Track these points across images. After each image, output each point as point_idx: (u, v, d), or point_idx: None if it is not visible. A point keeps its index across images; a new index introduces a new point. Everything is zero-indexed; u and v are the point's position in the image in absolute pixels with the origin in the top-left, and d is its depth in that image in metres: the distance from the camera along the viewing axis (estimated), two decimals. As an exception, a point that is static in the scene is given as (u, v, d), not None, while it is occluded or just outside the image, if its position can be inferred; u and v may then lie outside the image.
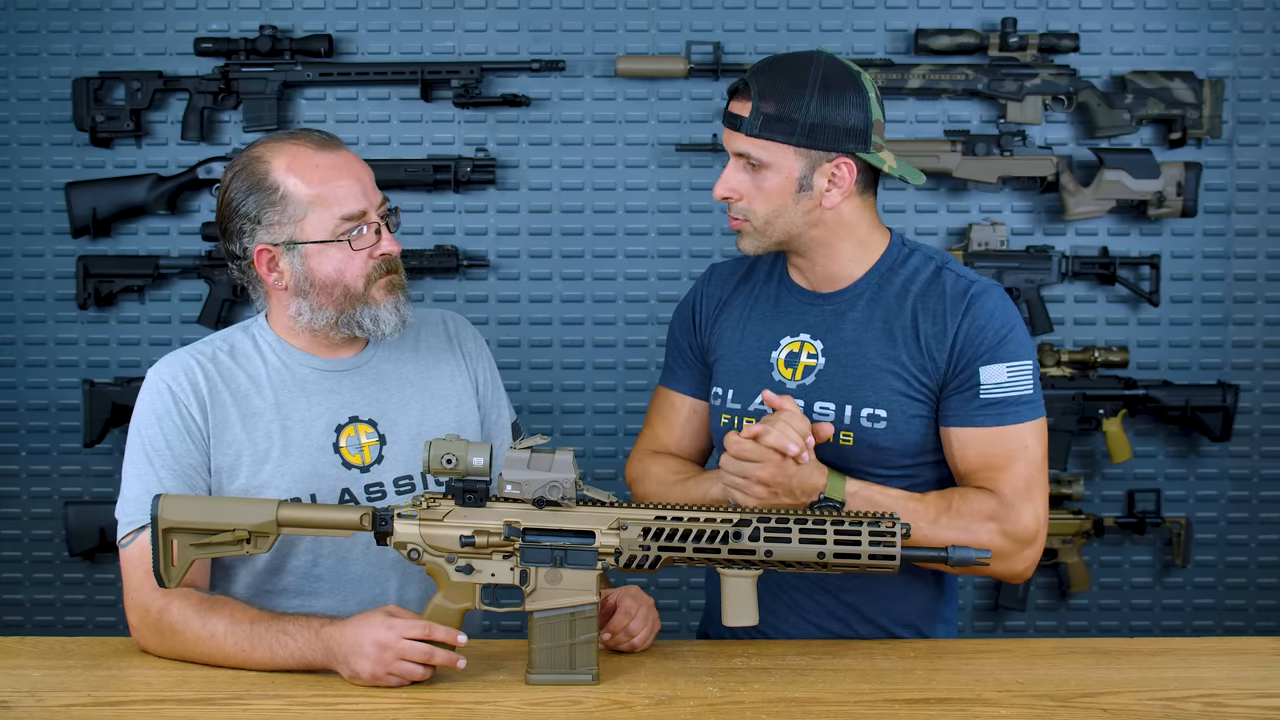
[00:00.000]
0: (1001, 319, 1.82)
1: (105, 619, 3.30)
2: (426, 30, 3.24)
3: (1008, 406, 1.81)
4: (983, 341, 1.81)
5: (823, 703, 1.59)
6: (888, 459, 1.85)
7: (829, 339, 1.88)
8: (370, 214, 1.83)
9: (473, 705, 1.58)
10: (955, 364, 1.82)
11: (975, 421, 1.82)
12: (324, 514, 1.67)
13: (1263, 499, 3.31)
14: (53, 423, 3.30)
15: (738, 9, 3.23)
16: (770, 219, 1.83)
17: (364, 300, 1.83)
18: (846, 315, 1.88)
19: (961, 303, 1.83)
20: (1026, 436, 1.82)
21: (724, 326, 1.99)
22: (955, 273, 1.87)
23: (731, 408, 1.94)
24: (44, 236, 3.27)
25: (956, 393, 1.83)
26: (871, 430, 1.84)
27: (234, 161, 1.85)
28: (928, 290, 1.85)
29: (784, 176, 1.80)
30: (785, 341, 1.91)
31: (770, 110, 1.78)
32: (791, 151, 1.79)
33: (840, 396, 1.86)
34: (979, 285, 1.84)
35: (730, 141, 1.83)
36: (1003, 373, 1.81)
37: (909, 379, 1.84)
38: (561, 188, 3.26)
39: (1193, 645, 1.92)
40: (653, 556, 1.63)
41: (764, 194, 1.82)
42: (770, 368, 1.91)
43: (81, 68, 3.22)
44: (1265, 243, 3.26)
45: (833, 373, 1.87)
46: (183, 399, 1.81)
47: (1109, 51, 3.22)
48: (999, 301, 1.84)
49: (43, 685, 1.64)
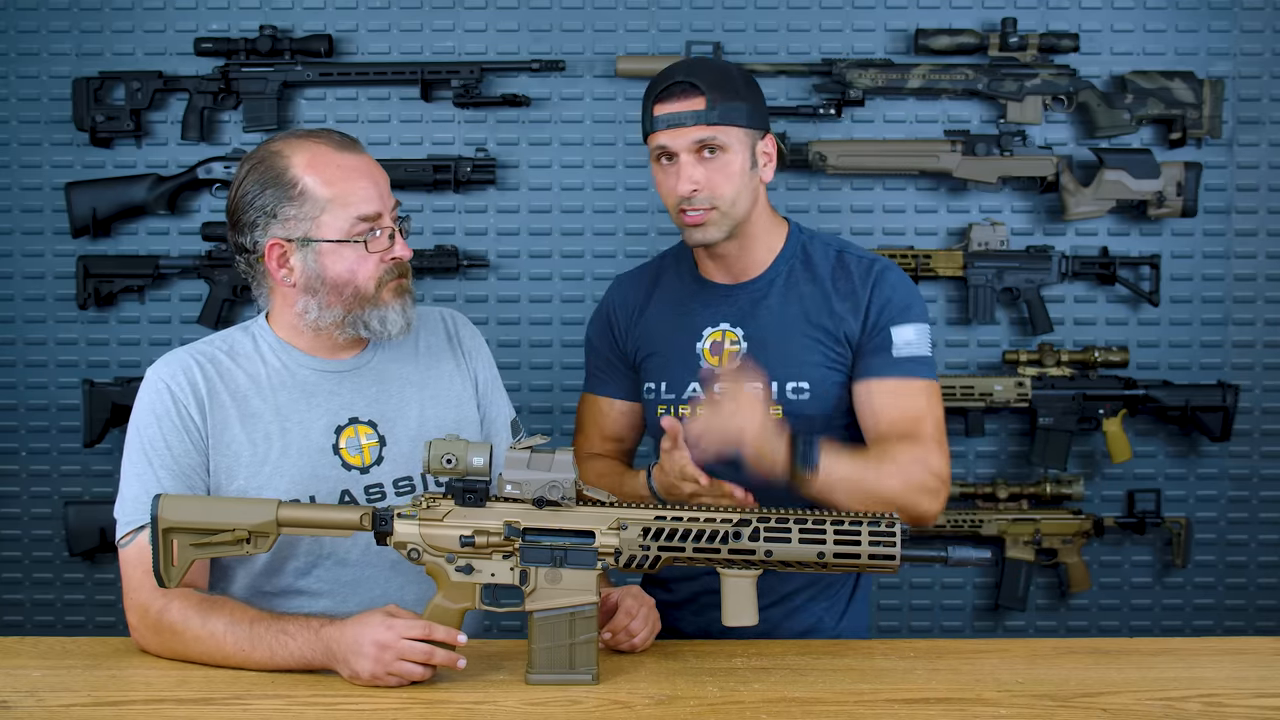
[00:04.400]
0: (905, 289, 2.03)
1: (105, 619, 3.30)
2: (426, 30, 3.24)
3: (916, 364, 2.00)
4: (893, 306, 2.00)
5: (823, 703, 1.59)
6: (813, 426, 1.97)
7: (748, 325, 2.04)
8: (385, 217, 1.84)
9: (473, 705, 1.58)
10: (869, 328, 2.00)
11: (889, 373, 1.99)
12: (324, 514, 1.67)
13: (1263, 499, 3.31)
14: (53, 423, 3.30)
15: (738, 9, 3.23)
16: (735, 200, 1.97)
17: (373, 302, 1.83)
18: (761, 303, 2.04)
19: (869, 277, 2.02)
20: (931, 392, 2.01)
21: (646, 328, 2.13)
22: (855, 255, 2.06)
23: (666, 398, 2.08)
24: (44, 236, 3.27)
25: (872, 352, 2.00)
26: (797, 402, 2.00)
27: (251, 154, 1.85)
28: (834, 273, 2.04)
29: (741, 157, 1.97)
30: (707, 332, 2.06)
31: (720, 98, 1.94)
32: (742, 133, 1.97)
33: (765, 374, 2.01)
34: (881, 262, 2.05)
35: (683, 136, 1.95)
36: (911, 333, 2.00)
37: (826, 349, 2.01)
38: (561, 188, 3.26)
39: (1193, 645, 1.92)
40: (652, 556, 1.63)
41: (727, 177, 1.96)
42: (697, 357, 2.06)
43: (81, 68, 3.22)
44: (1265, 243, 3.26)
45: (755, 354, 2.03)
46: (181, 399, 1.81)
47: (1109, 51, 3.22)
48: (900, 275, 2.05)
49: (43, 685, 1.64)
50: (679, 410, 2.04)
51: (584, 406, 2.22)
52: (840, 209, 3.24)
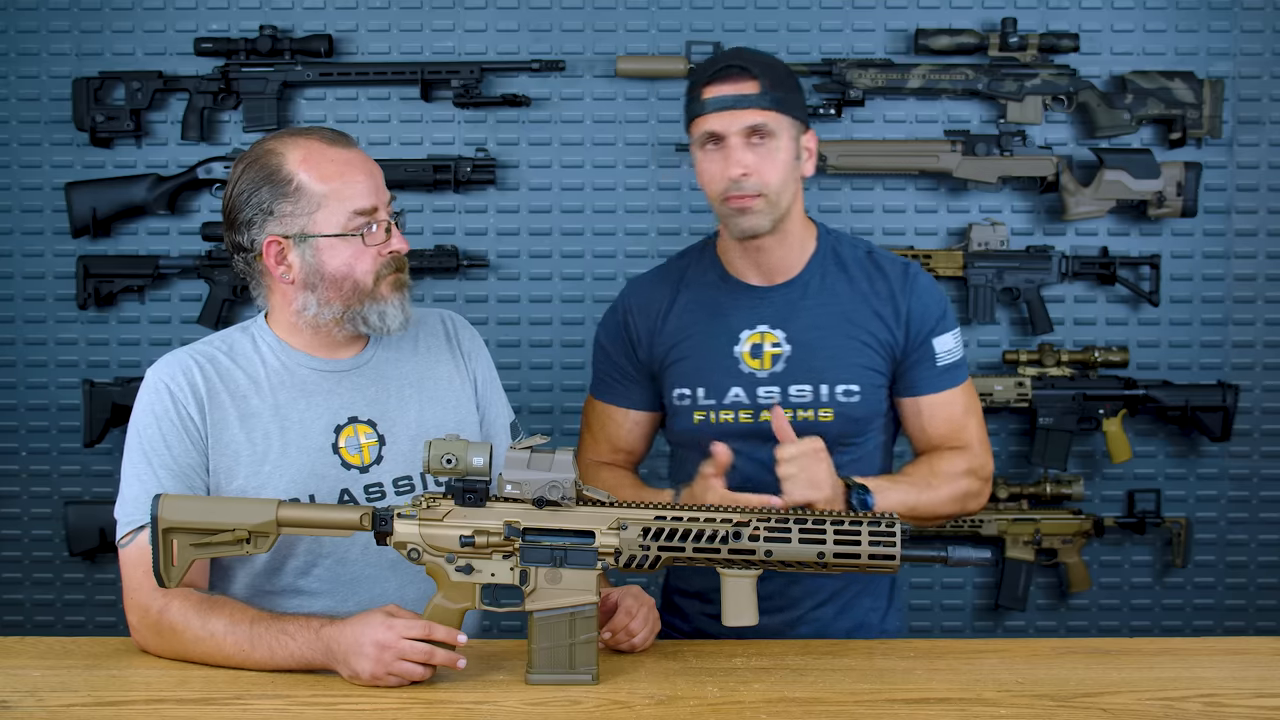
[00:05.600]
0: (937, 293, 2.05)
1: (105, 619, 3.30)
2: (426, 30, 3.24)
3: (957, 370, 2.05)
4: (930, 315, 2.02)
5: (823, 703, 1.59)
6: (859, 427, 2.01)
7: (789, 327, 2.01)
8: (381, 211, 1.84)
9: (473, 705, 1.58)
10: (912, 338, 2.01)
11: (937, 387, 2.03)
12: (324, 514, 1.67)
13: (1263, 499, 3.31)
14: (53, 423, 3.30)
15: (738, 9, 3.23)
16: (781, 189, 1.95)
17: (371, 296, 1.83)
18: (800, 303, 2.02)
19: (904, 280, 2.03)
20: (970, 393, 2.07)
21: (673, 331, 2.07)
22: (886, 255, 2.07)
23: (705, 404, 2.03)
24: (44, 236, 3.27)
25: (916, 365, 2.02)
26: (847, 404, 1.99)
27: (245, 154, 1.85)
28: (870, 272, 2.04)
29: (787, 146, 1.95)
30: (745, 335, 2.03)
31: (771, 85, 1.92)
32: (790, 122, 1.95)
33: (814, 377, 2.00)
34: (913, 266, 2.06)
35: (737, 119, 1.92)
36: (950, 340, 2.04)
37: (872, 352, 2.00)
38: (561, 188, 3.26)
39: (1193, 645, 1.92)
40: (652, 556, 1.63)
41: (775, 165, 1.94)
42: (736, 361, 2.02)
43: (81, 68, 3.22)
44: (1265, 243, 3.26)
45: (802, 356, 2.00)
46: (181, 399, 1.81)
47: (1109, 51, 3.22)
48: (929, 278, 2.07)
49: (43, 685, 1.64)
50: (719, 416, 2.02)
51: (591, 412, 2.19)
52: (840, 209, 3.24)
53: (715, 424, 2.02)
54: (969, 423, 2.05)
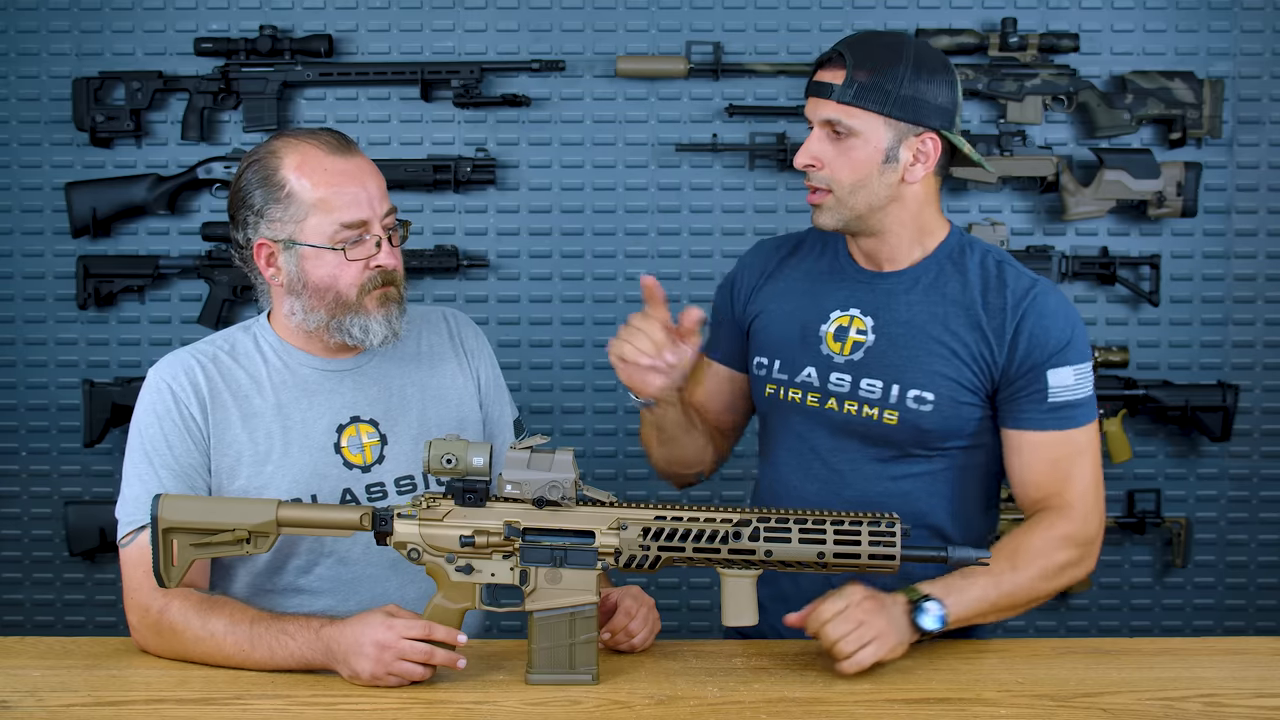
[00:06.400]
0: (1064, 320, 1.83)
1: (105, 619, 3.30)
2: (426, 30, 3.24)
3: (1074, 409, 1.83)
4: (1048, 343, 1.82)
5: (823, 703, 1.59)
6: (929, 440, 1.86)
7: (881, 316, 1.88)
8: (374, 225, 1.81)
9: (473, 705, 1.58)
10: (1020, 365, 1.82)
11: (1044, 425, 1.83)
12: (324, 514, 1.67)
13: (1263, 499, 3.31)
14: (53, 423, 3.30)
15: (738, 9, 3.23)
16: (854, 189, 1.82)
17: (355, 309, 1.82)
18: (902, 296, 1.88)
19: (1025, 300, 1.83)
20: (1089, 437, 1.85)
21: (767, 296, 1.98)
22: (1017, 269, 1.87)
23: (778, 378, 1.94)
24: (44, 236, 3.27)
25: (1024, 396, 1.83)
26: (916, 412, 1.85)
27: (252, 151, 1.85)
28: (990, 284, 1.86)
29: (872, 146, 1.80)
30: (835, 315, 1.91)
31: (864, 79, 1.78)
32: (881, 121, 1.80)
33: (888, 375, 1.86)
34: (1041, 285, 1.85)
35: (817, 109, 1.82)
36: (1070, 376, 1.82)
37: (962, 365, 1.84)
38: (561, 188, 3.26)
39: (1193, 645, 1.91)
40: (652, 556, 1.63)
41: (850, 163, 1.81)
42: (819, 340, 1.91)
43: (81, 68, 3.22)
44: (1265, 243, 3.26)
45: (883, 350, 1.87)
46: (183, 398, 1.81)
47: (1109, 51, 3.22)
48: (1061, 302, 1.85)
49: (43, 685, 1.64)
50: (788, 394, 1.92)
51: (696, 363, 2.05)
52: (840, 209, 3.24)
53: (784, 400, 1.93)
54: (1076, 474, 1.82)
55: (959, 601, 1.72)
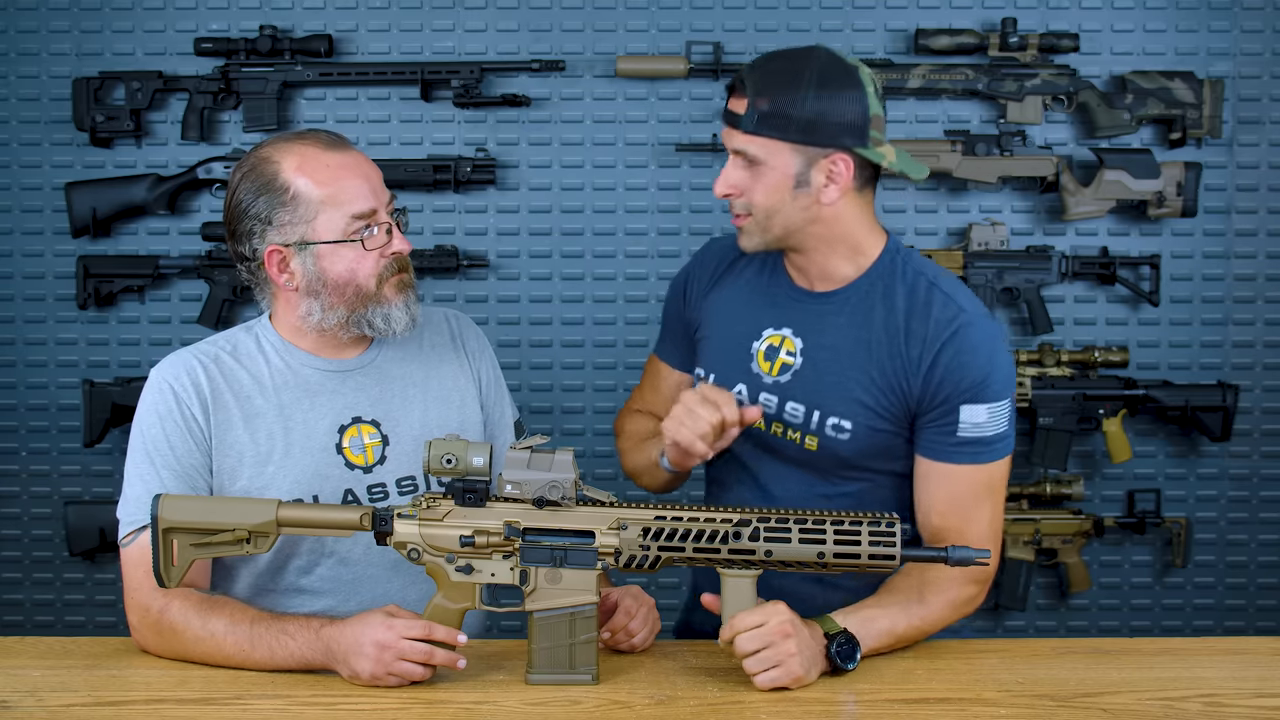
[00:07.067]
0: (986, 356, 1.79)
1: (105, 619, 3.30)
2: (426, 30, 3.24)
3: (984, 445, 1.80)
4: (965, 379, 1.79)
5: (823, 703, 1.59)
6: (850, 464, 1.87)
7: (809, 339, 1.87)
8: (381, 213, 1.83)
9: (473, 705, 1.58)
10: (934, 396, 1.80)
11: (950, 458, 1.81)
12: (324, 514, 1.67)
13: (1263, 499, 3.31)
14: (53, 423, 3.30)
15: (738, 9, 3.23)
16: (769, 214, 1.81)
17: (376, 300, 1.83)
18: (830, 319, 1.87)
19: (946, 331, 1.79)
20: (996, 475, 1.83)
21: (713, 304, 1.99)
22: (946, 294, 1.83)
23: None
24: (44, 236, 3.27)
25: (934, 426, 1.81)
26: (835, 440, 1.85)
27: (241, 162, 1.84)
28: (915, 310, 1.82)
29: (780, 173, 1.78)
30: (767, 333, 1.91)
31: (765, 107, 1.76)
32: (788, 148, 1.77)
33: (810, 400, 1.86)
34: (967, 315, 1.80)
35: (728, 139, 1.82)
36: (983, 413, 1.79)
37: (878, 394, 1.83)
38: (561, 188, 3.26)
39: (1193, 645, 1.92)
40: (652, 556, 1.63)
41: (763, 189, 1.80)
42: (750, 358, 1.91)
43: (81, 68, 3.22)
44: (1265, 243, 3.26)
45: (807, 374, 1.87)
46: (185, 399, 1.81)
47: (1109, 51, 3.22)
48: (984, 335, 1.81)
49: (43, 685, 1.64)
50: None
51: (649, 364, 2.13)
52: (840, 209, 3.24)
53: None
54: (976, 513, 1.81)
55: (868, 633, 1.71)
